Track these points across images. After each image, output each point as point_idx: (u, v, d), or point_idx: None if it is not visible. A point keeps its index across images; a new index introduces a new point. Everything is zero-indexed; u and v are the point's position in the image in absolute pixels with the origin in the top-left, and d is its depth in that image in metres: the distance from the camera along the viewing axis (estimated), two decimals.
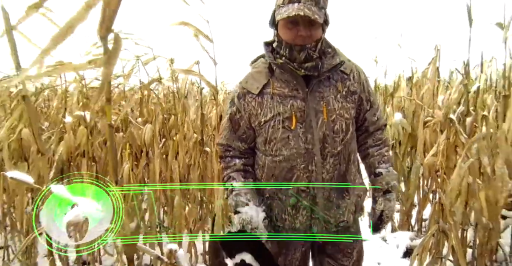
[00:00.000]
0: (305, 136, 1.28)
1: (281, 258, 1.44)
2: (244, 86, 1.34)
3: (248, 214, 1.28)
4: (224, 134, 1.43)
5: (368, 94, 1.40)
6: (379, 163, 1.42)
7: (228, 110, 1.40)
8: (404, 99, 3.07)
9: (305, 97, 1.27)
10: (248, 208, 1.30)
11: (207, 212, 2.78)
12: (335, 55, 1.32)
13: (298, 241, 1.42)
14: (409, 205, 3.15)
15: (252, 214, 1.29)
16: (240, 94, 1.35)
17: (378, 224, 1.41)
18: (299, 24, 1.21)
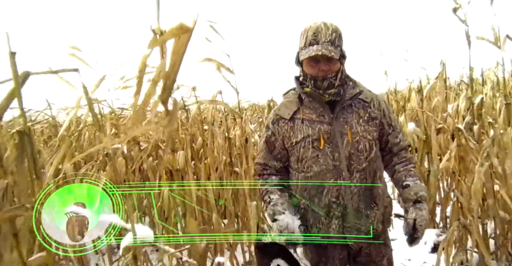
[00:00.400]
0: (333, 154, 1.47)
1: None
2: (278, 113, 1.57)
3: (285, 221, 1.47)
4: (261, 154, 1.65)
5: (389, 119, 1.58)
6: (405, 177, 1.56)
7: (264, 134, 1.63)
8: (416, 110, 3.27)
9: (331, 122, 1.48)
10: (285, 216, 1.48)
11: (243, 226, 3.00)
12: (355, 86, 1.54)
13: (335, 251, 1.57)
14: (432, 204, 3.32)
15: (288, 221, 1.47)
16: (274, 120, 1.58)
17: (413, 234, 1.45)
18: (320, 61, 1.44)
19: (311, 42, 1.43)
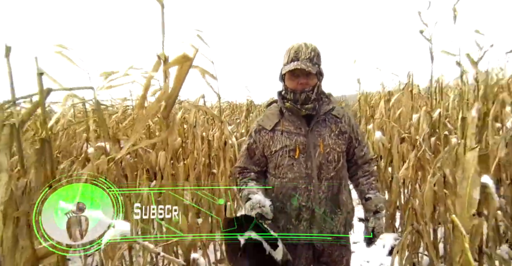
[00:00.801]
0: (306, 163, 1.67)
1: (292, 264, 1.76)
2: (261, 124, 1.75)
3: (257, 198, 1.61)
4: (242, 159, 1.82)
5: (357, 134, 1.79)
6: (368, 190, 1.78)
7: (247, 142, 1.80)
8: (382, 120, 3.54)
9: (306, 134, 1.67)
10: (258, 195, 1.64)
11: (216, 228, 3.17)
12: (330, 103, 1.75)
13: (303, 249, 1.75)
14: (392, 209, 3.59)
15: (261, 199, 1.62)
16: (256, 130, 1.75)
17: (370, 240, 1.71)
18: (299, 76, 1.64)
19: (292, 59, 1.63)
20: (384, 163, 3.55)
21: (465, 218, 1.59)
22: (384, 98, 3.70)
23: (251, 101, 9.00)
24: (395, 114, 3.46)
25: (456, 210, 1.65)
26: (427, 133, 2.45)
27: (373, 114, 3.91)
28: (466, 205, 1.59)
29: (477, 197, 1.56)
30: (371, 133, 3.65)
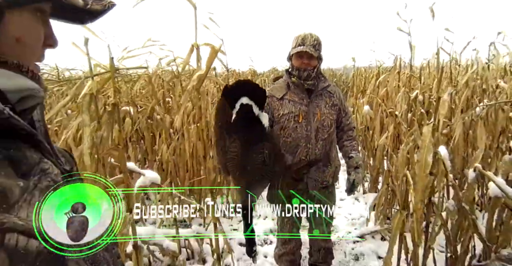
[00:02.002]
0: (306, 127, 2.10)
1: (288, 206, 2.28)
2: (271, 93, 2.15)
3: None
4: None
5: (344, 107, 2.25)
6: (351, 150, 2.26)
7: None
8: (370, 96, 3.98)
9: (307, 104, 2.11)
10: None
11: (223, 180, 3.70)
12: (325, 81, 2.19)
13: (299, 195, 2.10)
14: (376, 173, 4.11)
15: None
16: (269, 95, 2.12)
17: (351, 188, 2.20)
18: (304, 57, 2.07)
19: (299, 44, 2.07)
20: (371, 133, 4.02)
21: (421, 177, 2.08)
22: (375, 77, 4.11)
23: (254, 71, 9.36)
24: (381, 92, 3.89)
25: (415, 171, 2.13)
26: (405, 110, 2.89)
27: (365, 89, 4.33)
28: (423, 167, 2.07)
29: (430, 161, 2.03)
30: (360, 106, 4.09)
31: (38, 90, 0.46)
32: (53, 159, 0.45)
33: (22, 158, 0.39)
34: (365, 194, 4.16)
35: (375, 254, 2.79)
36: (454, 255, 2.24)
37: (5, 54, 0.42)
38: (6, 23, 0.41)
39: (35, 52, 0.47)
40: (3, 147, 0.38)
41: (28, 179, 0.38)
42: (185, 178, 3.56)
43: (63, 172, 0.45)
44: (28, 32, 0.44)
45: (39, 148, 0.43)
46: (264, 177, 1.55)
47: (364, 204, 3.90)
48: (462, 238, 2.26)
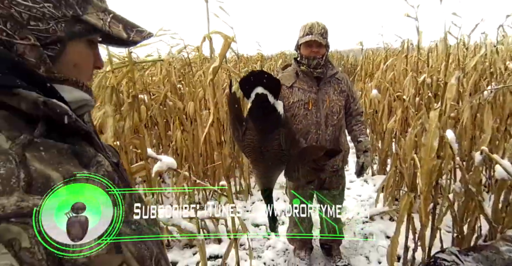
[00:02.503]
0: (316, 114, 2.15)
1: (301, 188, 2.31)
2: (280, 81, 2.13)
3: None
4: None
5: (352, 93, 2.29)
6: (359, 135, 2.30)
7: None
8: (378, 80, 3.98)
9: (317, 92, 2.15)
10: None
11: (236, 164, 3.79)
12: (333, 68, 2.23)
13: (311, 180, 2.20)
14: (384, 156, 4.17)
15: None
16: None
17: (360, 171, 2.25)
18: (312, 46, 2.11)
19: (307, 33, 2.10)
20: (379, 116, 4.05)
21: (427, 160, 2.14)
22: (383, 61, 4.10)
23: (261, 55, 9.33)
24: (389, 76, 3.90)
25: (421, 154, 2.18)
26: (412, 94, 2.91)
27: (372, 73, 4.33)
28: (429, 150, 2.12)
29: (436, 145, 2.08)
30: (368, 91, 4.11)
31: (90, 100, 0.56)
32: (103, 153, 0.53)
33: (83, 152, 0.48)
34: (374, 176, 4.23)
35: (383, 234, 2.87)
36: (461, 235, 2.32)
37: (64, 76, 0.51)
38: (67, 53, 0.51)
39: (87, 74, 0.57)
40: (70, 143, 0.47)
41: (89, 169, 0.47)
42: (199, 162, 3.65)
43: (112, 164, 0.54)
44: (83, 58, 0.54)
45: (93, 144, 0.52)
46: (281, 161, 1.62)
47: (373, 186, 3.97)
48: (468, 218, 2.33)
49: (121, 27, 0.55)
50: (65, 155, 0.45)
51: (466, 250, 2.02)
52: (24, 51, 0.47)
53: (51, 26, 0.48)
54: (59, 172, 0.42)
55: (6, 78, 0.42)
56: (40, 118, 0.44)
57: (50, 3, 0.48)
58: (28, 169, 0.39)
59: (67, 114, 0.46)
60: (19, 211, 0.36)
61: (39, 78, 0.46)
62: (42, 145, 0.43)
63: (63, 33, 0.50)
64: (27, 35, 0.47)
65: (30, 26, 0.47)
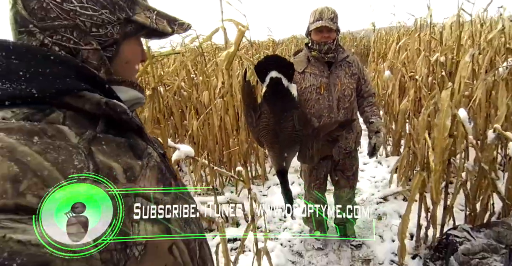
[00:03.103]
0: (328, 97, 2.17)
1: (315, 172, 2.37)
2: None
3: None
4: None
5: (363, 75, 2.29)
6: (371, 116, 2.32)
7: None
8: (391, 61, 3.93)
9: (328, 76, 2.17)
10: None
11: (252, 150, 3.85)
12: (344, 52, 2.23)
13: (324, 161, 2.32)
14: (397, 137, 4.15)
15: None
16: None
17: (373, 152, 2.30)
18: (323, 31, 2.11)
19: (317, 19, 2.10)
20: (393, 97, 4.02)
21: (440, 139, 2.14)
22: (396, 41, 4.03)
23: (272, 40, 9.25)
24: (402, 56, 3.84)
25: (434, 133, 2.18)
26: (425, 74, 2.88)
27: (385, 53, 4.27)
28: (441, 130, 2.12)
29: (448, 124, 2.08)
30: (381, 72, 4.06)
31: (142, 98, 0.62)
32: (151, 145, 0.59)
33: (137, 145, 0.53)
34: (387, 157, 4.22)
35: (397, 213, 2.90)
36: (473, 213, 2.33)
37: (119, 74, 0.57)
38: (121, 52, 0.57)
39: (136, 69, 0.63)
40: (126, 137, 0.52)
41: (142, 160, 0.52)
42: (215, 150, 3.72)
43: (159, 154, 0.59)
44: (133, 55, 0.60)
45: (144, 137, 0.57)
46: (295, 141, 1.66)
47: (386, 167, 3.98)
48: (481, 196, 2.34)
49: (165, 23, 0.60)
50: (122, 147, 0.50)
51: (478, 226, 2.04)
52: (88, 55, 0.52)
53: (108, 30, 0.54)
54: (118, 163, 0.47)
55: (74, 83, 0.47)
56: (100, 116, 0.49)
57: (107, 10, 0.53)
58: (95, 160, 0.44)
59: (125, 112, 0.51)
60: None
61: (100, 81, 0.51)
62: (103, 139, 0.48)
63: (118, 35, 0.55)
64: (90, 41, 0.52)
65: (92, 32, 0.52)
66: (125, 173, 0.47)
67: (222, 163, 3.83)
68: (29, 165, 0.38)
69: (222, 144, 3.78)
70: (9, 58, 0.46)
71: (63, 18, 0.50)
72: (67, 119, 0.46)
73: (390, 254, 2.39)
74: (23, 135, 0.41)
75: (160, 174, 0.55)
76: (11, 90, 0.44)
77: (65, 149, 0.42)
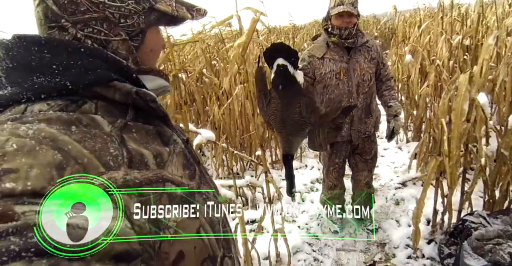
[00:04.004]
0: (348, 83, 2.15)
1: (334, 156, 2.37)
2: (311, 52, 2.19)
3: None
4: None
5: (382, 59, 2.26)
6: (389, 99, 2.29)
7: (301, 63, 2.18)
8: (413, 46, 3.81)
9: (347, 61, 2.14)
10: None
11: (272, 134, 3.88)
12: (363, 36, 2.19)
13: (343, 145, 2.33)
14: (418, 122, 4.07)
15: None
16: (310, 55, 2.18)
17: (391, 136, 2.30)
18: (344, 16, 2.08)
19: (338, 3, 2.07)
20: (414, 81, 3.92)
21: (457, 124, 2.10)
22: (418, 24, 3.90)
23: (293, 25, 9.11)
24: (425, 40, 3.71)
25: (452, 118, 2.14)
26: (446, 57, 2.78)
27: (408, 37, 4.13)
28: (459, 114, 2.08)
29: (466, 109, 2.03)
30: (402, 56, 3.95)
31: (168, 86, 0.63)
32: (176, 132, 0.61)
33: (164, 132, 0.55)
34: (408, 143, 4.15)
35: (414, 199, 2.88)
36: (492, 199, 2.29)
37: (144, 62, 0.59)
38: (146, 41, 0.58)
39: (158, 56, 0.64)
40: (154, 124, 0.54)
41: (169, 146, 0.54)
42: (236, 135, 3.77)
43: (183, 141, 0.61)
44: (156, 42, 0.61)
45: (169, 125, 0.59)
46: (301, 128, 1.68)
47: (407, 152, 3.91)
48: (500, 183, 2.29)
49: (185, 9, 0.61)
50: (151, 135, 0.52)
51: (496, 213, 2.01)
52: (118, 46, 0.54)
53: (135, 20, 0.55)
54: (148, 150, 0.49)
55: (104, 74, 0.49)
56: (129, 105, 0.51)
57: (132, 0, 0.55)
58: (127, 147, 0.46)
59: (154, 101, 0.52)
60: (127, 183, 0.43)
61: (128, 70, 0.53)
62: (134, 127, 0.50)
63: (144, 25, 0.56)
64: (119, 32, 0.54)
65: (121, 23, 0.54)
66: (155, 159, 0.49)
67: (243, 147, 3.88)
68: (70, 153, 0.40)
69: (242, 129, 3.82)
70: (42, 52, 0.47)
71: (93, 11, 0.51)
72: (99, 109, 0.48)
73: (405, 239, 2.39)
74: (62, 124, 0.43)
75: (185, 160, 0.56)
76: (46, 84, 0.46)
77: (100, 137, 0.44)
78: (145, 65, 0.59)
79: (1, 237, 0.33)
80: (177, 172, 0.52)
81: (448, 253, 1.97)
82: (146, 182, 0.45)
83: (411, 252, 2.27)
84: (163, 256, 0.44)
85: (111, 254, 0.38)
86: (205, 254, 0.52)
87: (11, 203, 0.34)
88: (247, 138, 3.73)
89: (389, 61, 4.43)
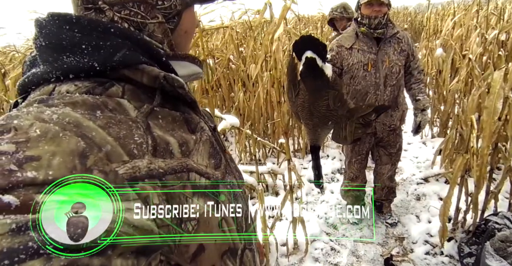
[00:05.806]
0: (375, 75, 2.09)
1: (358, 147, 2.31)
2: (340, 42, 2.15)
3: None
4: None
5: (412, 51, 2.17)
6: (418, 93, 2.23)
7: (329, 54, 2.14)
8: (444, 39, 3.63)
9: (376, 53, 2.08)
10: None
11: (295, 122, 3.84)
12: (394, 27, 2.11)
13: (367, 137, 2.27)
14: (445, 118, 3.92)
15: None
16: (338, 46, 2.14)
17: (417, 130, 2.25)
18: (374, 5, 2.01)
19: None
20: (444, 76, 3.76)
21: (489, 123, 2.00)
22: (451, 16, 3.70)
23: (322, 14, 8.87)
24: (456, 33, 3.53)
25: (484, 116, 2.05)
26: (479, 52, 2.64)
27: (440, 30, 3.94)
28: (492, 113, 1.98)
29: (500, 107, 1.93)
30: (433, 49, 3.78)
31: (201, 73, 0.61)
32: (203, 119, 0.58)
33: (191, 119, 0.53)
34: (433, 138, 4.02)
35: (436, 195, 2.80)
36: None
37: (178, 44, 0.56)
38: (181, 23, 0.55)
39: (192, 38, 0.62)
40: (182, 111, 0.52)
41: (195, 134, 0.51)
42: (260, 122, 3.75)
43: (210, 128, 0.58)
44: (190, 24, 0.58)
45: (196, 111, 0.56)
46: (328, 120, 1.65)
47: (431, 148, 3.80)
48: None
49: None
50: (178, 121, 0.49)
51: None
52: (154, 29, 0.52)
53: (172, 2, 0.53)
54: (174, 137, 0.46)
55: (133, 56, 0.46)
56: (157, 90, 0.49)
57: None
58: (153, 135, 0.43)
59: (182, 87, 0.50)
60: (150, 172, 0.40)
61: (157, 54, 0.50)
62: (160, 113, 0.47)
63: (181, 6, 0.54)
64: (156, 14, 0.51)
65: (158, 6, 0.51)
66: (180, 148, 0.46)
67: (266, 135, 3.86)
68: (94, 140, 0.38)
69: (266, 116, 3.80)
70: (73, 31, 0.45)
71: None
72: (126, 92, 0.46)
73: (425, 235, 2.33)
74: (87, 109, 0.41)
75: (212, 148, 0.53)
76: (74, 64, 0.44)
77: (125, 123, 0.42)
78: (180, 50, 0.56)
79: (20, 232, 0.31)
80: (202, 161, 0.49)
81: (468, 252, 1.91)
82: (170, 172, 0.43)
83: (429, 248, 2.22)
84: (183, 249, 0.43)
85: (132, 248, 0.36)
86: (225, 247, 0.50)
87: (32, 193, 0.33)
88: (270, 125, 3.70)
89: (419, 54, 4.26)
